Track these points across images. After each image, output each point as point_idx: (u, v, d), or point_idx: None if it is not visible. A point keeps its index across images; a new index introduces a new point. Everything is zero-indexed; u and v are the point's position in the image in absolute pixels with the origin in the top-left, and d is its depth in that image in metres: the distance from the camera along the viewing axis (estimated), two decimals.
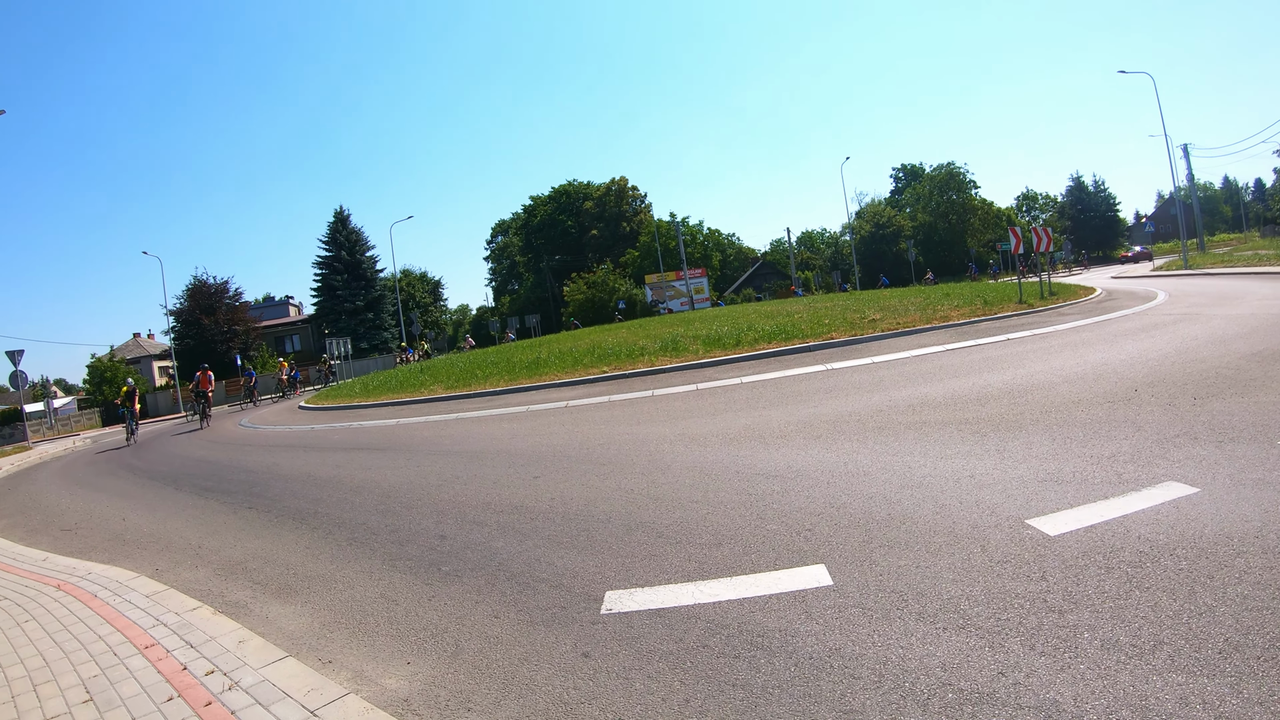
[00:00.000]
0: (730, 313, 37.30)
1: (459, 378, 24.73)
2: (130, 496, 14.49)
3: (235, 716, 4.23)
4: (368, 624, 5.48)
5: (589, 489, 7.77)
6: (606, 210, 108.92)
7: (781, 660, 3.74)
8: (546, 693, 3.94)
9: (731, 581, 4.75)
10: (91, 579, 7.96)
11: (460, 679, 4.33)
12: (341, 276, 79.47)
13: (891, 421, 8.34)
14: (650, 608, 4.64)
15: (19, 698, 5.15)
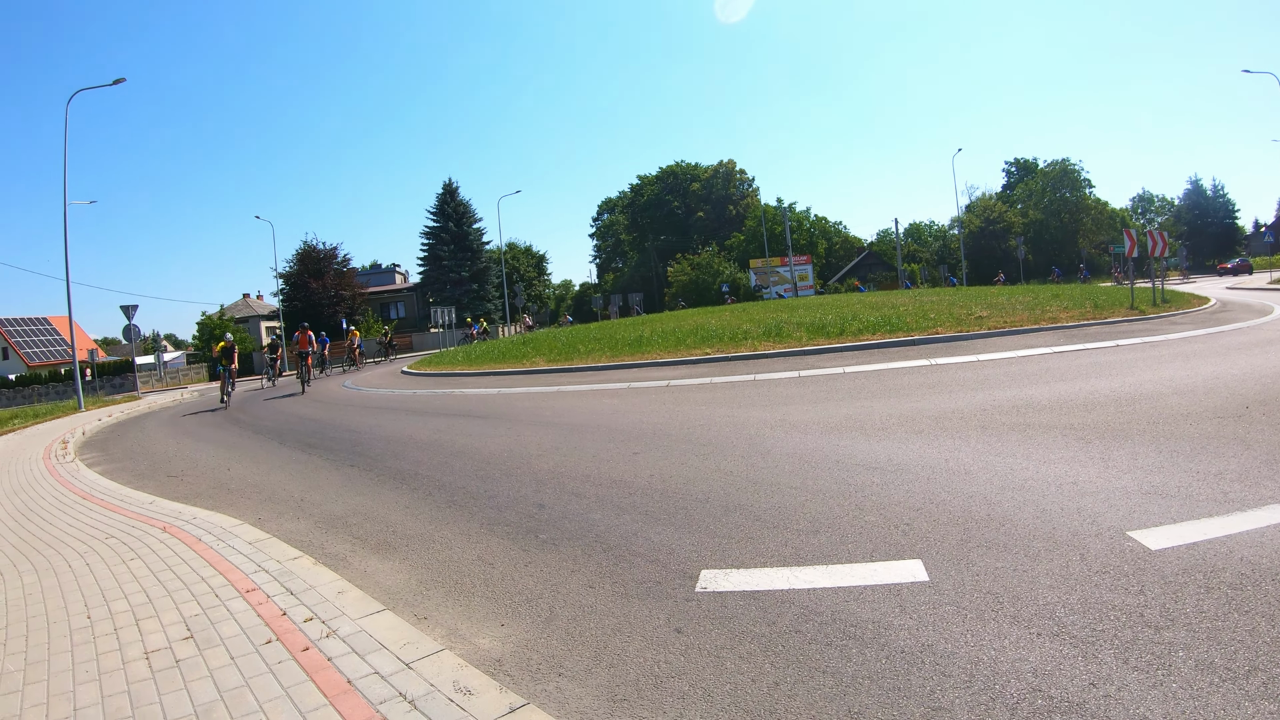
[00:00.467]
0: (834, 301, 36.95)
1: (561, 351, 24.94)
2: (235, 448, 14.99)
3: (332, 663, 4.36)
4: (464, 584, 5.62)
5: (688, 468, 7.82)
6: (713, 193, 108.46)
7: (873, 651, 3.74)
8: (637, 664, 4.00)
9: (827, 569, 4.76)
10: (196, 523, 8.25)
11: (553, 644, 4.42)
12: (448, 247, 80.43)
13: (995, 421, 8.22)
14: (744, 589, 4.67)
15: (122, 630, 5.40)
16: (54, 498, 11.44)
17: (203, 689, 4.30)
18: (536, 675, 4.09)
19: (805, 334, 19.07)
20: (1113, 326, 17.46)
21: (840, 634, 3.94)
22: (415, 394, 21.32)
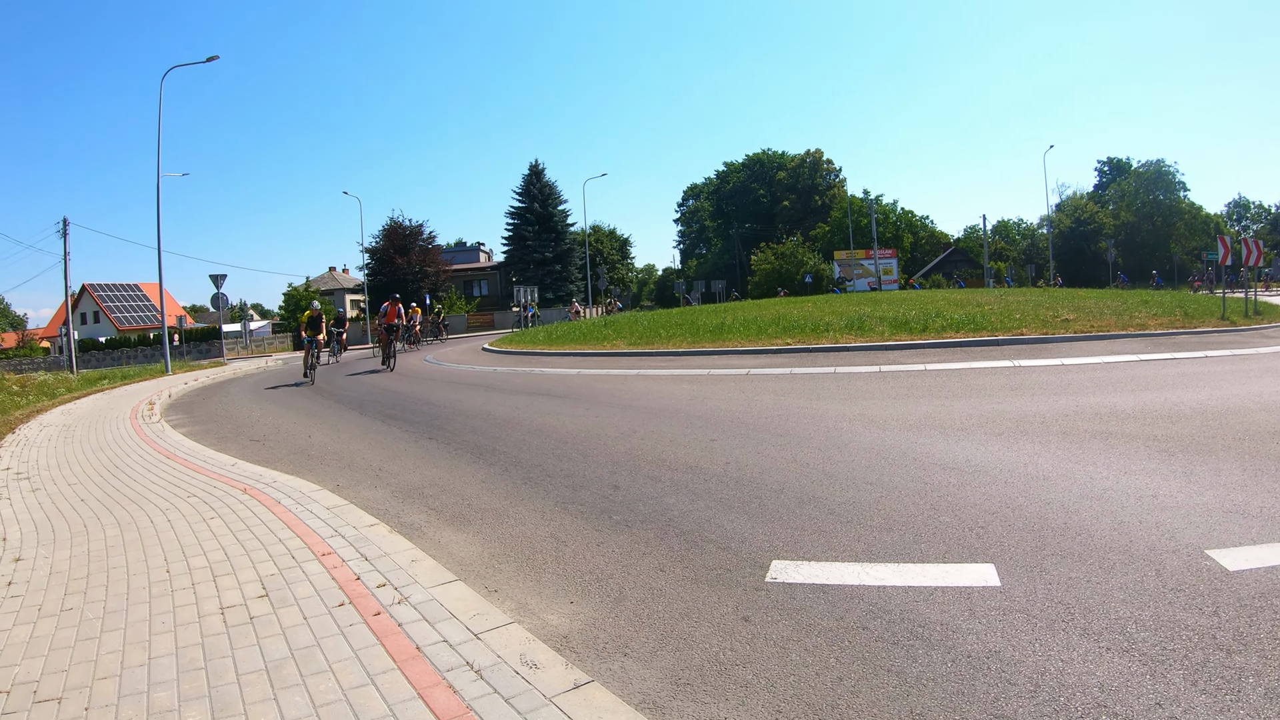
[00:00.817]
0: (918, 297, 36.49)
1: (642, 335, 25.00)
2: (316, 416, 15.33)
3: (402, 629, 4.46)
4: (536, 560, 5.71)
5: (764, 458, 7.84)
6: (799, 182, 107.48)
7: (940, 654, 3.73)
8: (703, 650, 4.04)
9: (898, 568, 4.75)
10: (276, 486, 8.45)
11: (620, 625, 4.48)
12: (533, 228, 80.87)
13: (1076, 428, 8.09)
14: (814, 582, 4.69)
15: (199, 586, 5.58)
16: (139, 456, 11.80)
17: (275, 646, 4.43)
18: (602, 654, 4.15)
19: (888, 329, 18.90)
20: (1202, 336, 17.02)
21: (907, 634, 3.94)
22: (495, 371, 21.58)
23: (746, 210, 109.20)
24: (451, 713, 3.48)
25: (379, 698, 3.69)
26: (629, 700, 3.57)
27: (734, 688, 3.65)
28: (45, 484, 10.24)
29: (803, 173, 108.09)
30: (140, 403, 20.68)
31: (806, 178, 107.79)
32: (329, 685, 3.88)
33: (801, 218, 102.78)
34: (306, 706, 3.69)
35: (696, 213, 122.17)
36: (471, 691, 3.64)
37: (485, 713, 3.44)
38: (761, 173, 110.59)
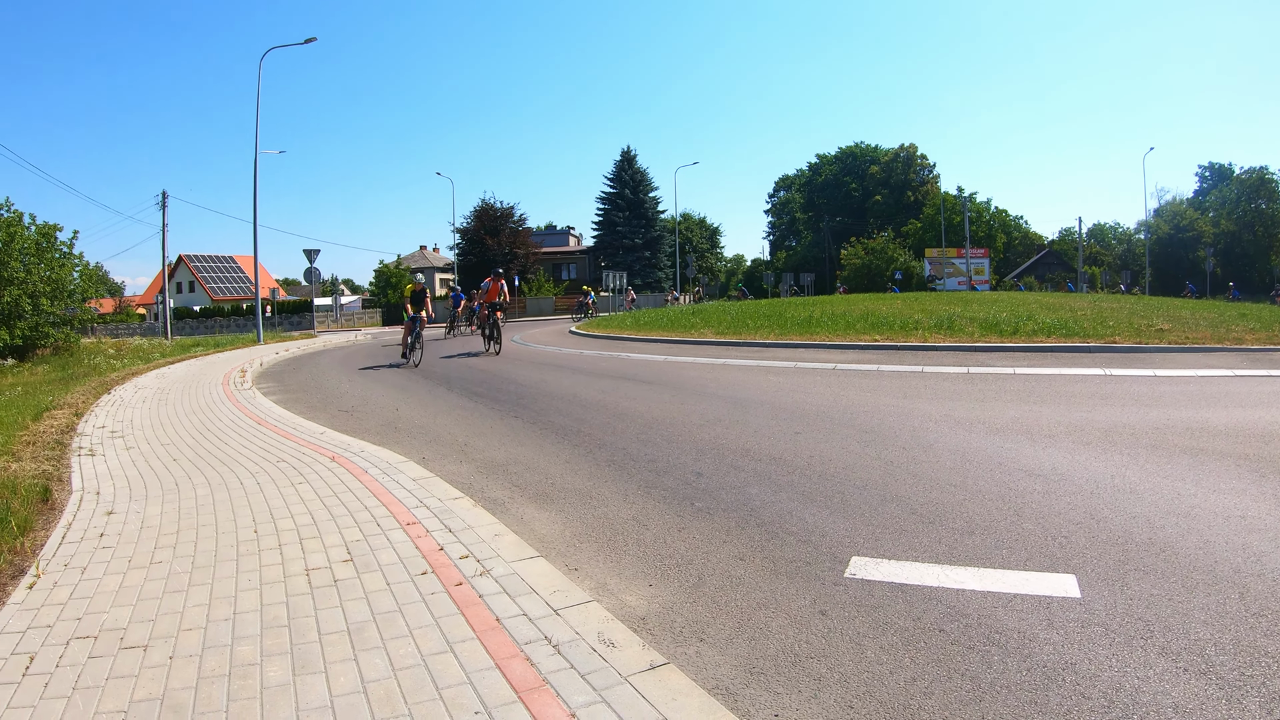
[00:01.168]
0: (1009, 299, 35.85)
1: (730, 325, 24.94)
2: (404, 390, 15.59)
3: (483, 600, 4.55)
4: (617, 542, 5.78)
5: (848, 454, 7.82)
6: (892, 177, 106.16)
7: (1015, 661, 3.70)
8: (779, 641, 4.06)
9: (978, 572, 4.72)
10: (364, 456, 8.63)
11: (698, 610, 4.52)
12: (623, 213, 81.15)
13: (1166, 442, 7.89)
14: (893, 581, 4.68)
15: (285, 547, 5.75)
16: (230, 420, 12.13)
17: (357, 609, 4.56)
18: (679, 638, 4.19)
19: (978, 330, 18.61)
20: None
21: (984, 639, 3.91)
22: (582, 354, 21.73)
23: (837, 204, 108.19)
24: (528, 684, 3.55)
25: (457, 665, 3.78)
26: (703, 684, 3.61)
27: (807, 680, 3.67)
28: (139, 443, 10.58)
29: (896, 167, 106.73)
30: (232, 370, 21.25)
31: (899, 172, 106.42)
32: (409, 650, 3.98)
33: (893, 213, 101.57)
34: (386, 669, 3.80)
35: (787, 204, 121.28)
36: (548, 665, 3.71)
37: (561, 687, 3.51)
38: (854, 166, 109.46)
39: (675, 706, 3.29)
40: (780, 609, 4.44)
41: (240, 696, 3.66)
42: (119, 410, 13.99)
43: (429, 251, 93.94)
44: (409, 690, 3.58)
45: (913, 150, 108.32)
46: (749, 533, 5.73)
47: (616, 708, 3.31)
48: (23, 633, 4.56)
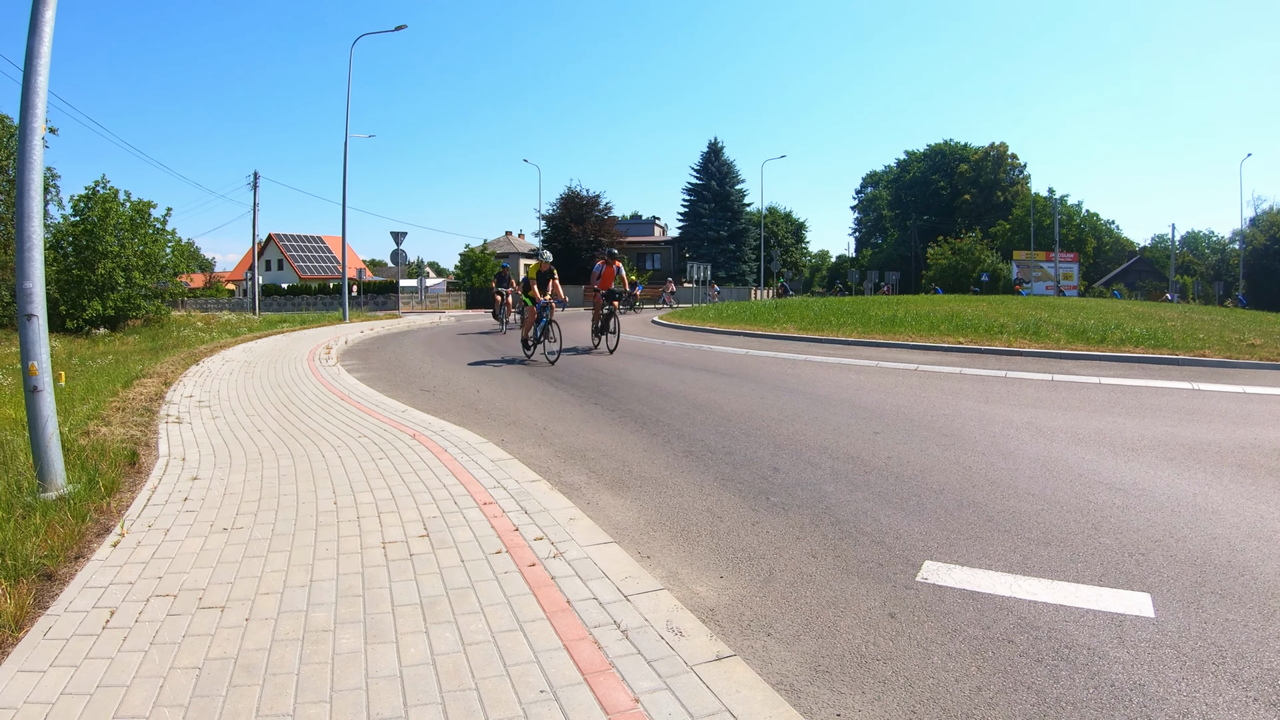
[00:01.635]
0: (1098, 306, 35.15)
1: (812, 321, 24.85)
2: (485, 373, 15.79)
3: (555, 582, 4.62)
4: (690, 532, 5.81)
5: (926, 456, 7.76)
6: (982, 176, 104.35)
7: (1082, 678, 3.66)
8: (846, 641, 4.06)
9: (1051, 585, 4.66)
10: (444, 435, 8.76)
11: (767, 605, 4.54)
12: (709, 205, 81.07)
13: (1253, 462, 7.66)
14: (964, 588, 4.65)
15: (363, 519, 5.90)
16: (314, 395, 12.39)
17: (431, 583, 4.66)
18: (746, 631, 4.22)
19: (1064, 336, 18.28)
20: None
21: (1053, 653, 3.87)
22: (664, 344, 21.80)
23: (925, 202, 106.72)
24: (594, 667, 3.60)
25: (526, 644, 3.84)
26: (768, 679, 3.64)
27: (872, 682, 3.67)
28: (224, 413, 10.85)
29: (985, 166, 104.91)
30: (317, 346, 21.68)
31: (989, 172, 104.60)
32: (479, 626, 4.06)
33: (981, 213, 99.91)
34: (455, 643, 3.88)
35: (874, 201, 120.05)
36: (616, 650, 3.76)
37: (627, 671, 3.55)
38: (942, 164, 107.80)
39: (739, 699, 3.31)
40: (849, 609, 4.44)
41: (312, 661, 3.77)
42: (206, 381, 14.35)
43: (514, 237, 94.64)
44: (477, 665, 3.66)
45: (1003, 149, 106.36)
46: (822, 530, 5.73)
47: (680, 696, 3.34)
48: (105, 588, 4.76)
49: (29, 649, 4.02)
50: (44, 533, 5.49)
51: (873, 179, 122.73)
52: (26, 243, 6.60)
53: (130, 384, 13.11)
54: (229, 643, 3.98)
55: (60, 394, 7.03)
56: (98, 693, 3.55)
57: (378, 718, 3.28)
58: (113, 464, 7.58)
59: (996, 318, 23.38)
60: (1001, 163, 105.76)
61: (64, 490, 6.53)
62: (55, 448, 6.69)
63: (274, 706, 3.39)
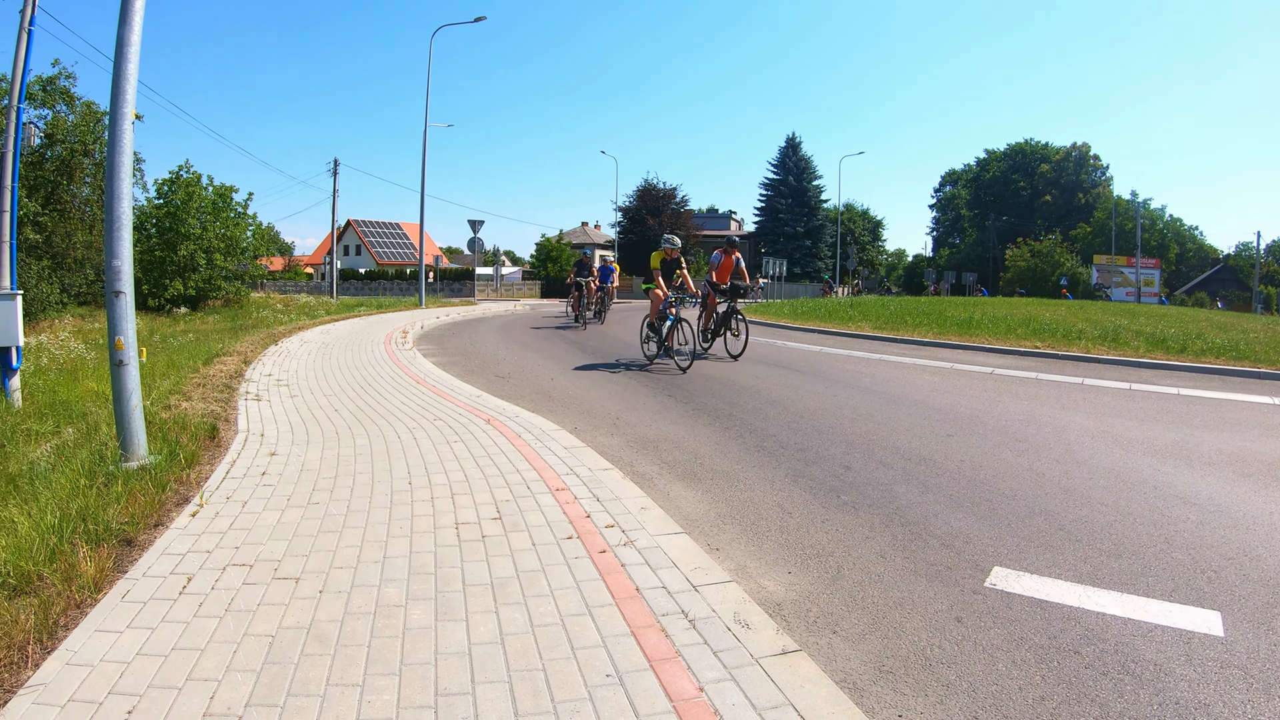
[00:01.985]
0: (1178, 314, 34.47)
1: (887, 320, 24.65)
2: (560, 361, 15.94)
3: (624, 569, 4.69)
4: (759, 526, 5.86)
5: (999, 461, 7.71)
6: (1063, 177, 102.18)
7: (1147, 694, 3.61)
8: (911, 642, 4.08)
9: (1121, 597, 4.61)
10: (518, 421, 8.89)
11: (834, 602, 4.57)
12: (785, 200, 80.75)
13: None
14: (1033, 596, 4.63)
15: (437, 500, 6.04)
16: (391, 378, 12.61)
17: (502, 565, 4.77)
18: (812, 627, 4.25)
19: (1144, 344, 17.92)
20: None
21: (1118, 667, 3.84)
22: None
23: (1005, 202, 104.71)
24: (660, 654, 3.66)
25: (594, 628, 3.92)
26: (832, 675, 3.66)
27: (935, 685, 3.69)
28: (303, 392, 11.10)
29: (1067, 167, 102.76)
30: (394, 330, 22.04)
31: (1070, 173, 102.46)
32: (548, 609, 4.15)
33: (1062, 215, 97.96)
34: (524, 624, 3.97)
35: (953, 200, 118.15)
36: (682, 639, 3.81)
37: (693, 661, 3.61)
38: (1023, 163, 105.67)
39: (802, 694, 3.35)
40: (916, 611, 4.45)
41: (383, 634, 3.89)
42: (285, 361, 14.69)
43: (590, 228, 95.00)
44: (545, 647, 3.74)
45: (1085, 150, 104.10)
46: (892, 531, 5.73)
47: (745, 687, 3.39)
48: (182, 555, 4.96)
49: (107, 610, 4.21)
50: (125, 500, 5.71)
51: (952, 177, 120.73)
52: (116, 223, 6.82)
53: (211, 361, 13.45)
54: (302, 613, 4.13)
55: (142, 369, 7.24)
56: (172, 655, 3.71)
57: (445, 693, 3.37)
58: (193, 437, 7.81)
59: (1075, 323, 23.03)
60: (1083, 163, 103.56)
61: (145, 461, 6.78)
62: (138, 420, 6.93)
63: (344, 676, 3.51)
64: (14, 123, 12.01)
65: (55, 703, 3.34)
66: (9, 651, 3.73)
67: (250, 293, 42.16)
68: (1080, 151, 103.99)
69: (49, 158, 31.01)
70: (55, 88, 31.31)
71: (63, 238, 30.88)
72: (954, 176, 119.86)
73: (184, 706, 3.30)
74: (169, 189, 35.68)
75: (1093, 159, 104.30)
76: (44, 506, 5.41)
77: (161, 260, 34.32)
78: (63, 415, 9.54)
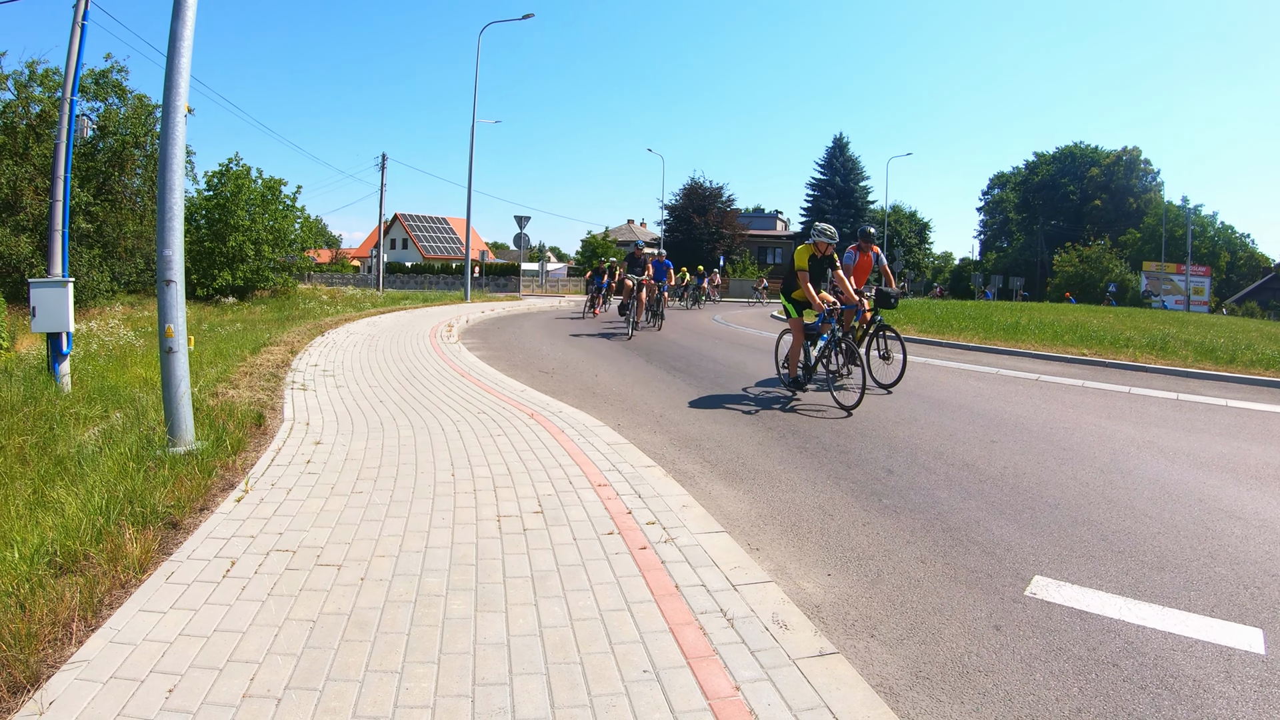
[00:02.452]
0: (1228, 324, 33.93)
1: (932, 324, 24.49)
2: (604, 358, 16.00)
3: (664, 566, 4.73)
4: (800, 528, 5.87)
5: (1043, 469, 7.66)
6: (1113, 181, 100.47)
7: (1185, 711, 3.58)
8: (949, 649, 4.08)
9: (1162, 611, 4.57)
10: (561, 417, 8.96)
11: (872, 606, 4.57)
12: (832, 201, 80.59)
13: None
14: (1073, 606, 4.60)
15: (479, 493, 6.11)
16: (435, 370, 12.73)
17: (542, 558, 4.83)
18: (851, 631, 4.26)
19: (1192, 354, 17.68)
20: None
21: (1157, 682, 3.81)
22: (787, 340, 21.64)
23: (1053, 206, 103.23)
24: (698, 652, 3.69)
25: (632, 624, 3.96)
26: (868, 679, 3.67)
27: (971, 693, 3.68)
28: (348, 382, 11.24)
29: (1117, 171, 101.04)
30: (439, 324, 22.23)
31: (1120, 177, 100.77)
32: (587, 603, 4.20)
33: (1111, 220, 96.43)
34: (563, 617, 4.02)
35: (1001, 203, 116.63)
36: (720, 637, 3.84)
37: (730, 659, 3.64)
38: (1072, 167, 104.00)
39: (838, 696, 3.37)
40: (955, 617, 4.44)
41: (423, 623, 3.95)
42: (331, 351, 14.86)
43: (636, 226, 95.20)
44: (583, 640, 3.79)
45: (1135, 154, 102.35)
46: (933, 536, 5.72)
47: (781, 688, 3.41)
48: (227, 540, 5.08)
49: (151, 590, 4.32)
50: (172, 484, 5.86)
51: (1000, 180, 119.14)
52: (168, 213, 6.96)
53: (258, 351, 13.65)
54: (343, 600, 4.21)
55: (190, 357, 7.38)
56: (214, 636, 3.80)
57: (483, 682, 3.42)
58: (239, 424, 7.95)
59: (1122, 331, 22.78)
60: (1134, 168, 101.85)
61: (192, 446, 6.93)
62: (186, 406, 7.07)
63: (383, 663, 3.57)
64: (67, 115, 12.27)
65: (97, 679, 3.43)
66: (54, 628, 3.84)
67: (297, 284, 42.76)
68: (1131, 155, 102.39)
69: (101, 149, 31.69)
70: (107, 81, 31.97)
71: (113, 227, 31.50)
72: (1002, 179, 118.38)
73: (224, 687, 3.38)
74: (218, 181, 36.33)
75: (1143, 163, 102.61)
76: (91, 488, 5.56)
77: (210, 251, 34.92)
78: (111, 400, 9.74)
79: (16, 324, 19.52)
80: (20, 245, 28.19)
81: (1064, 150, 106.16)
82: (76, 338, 12.94)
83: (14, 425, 7.88)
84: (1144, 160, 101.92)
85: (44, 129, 29.45)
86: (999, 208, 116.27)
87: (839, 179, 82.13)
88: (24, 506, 5.52)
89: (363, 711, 3.21)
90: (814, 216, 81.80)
